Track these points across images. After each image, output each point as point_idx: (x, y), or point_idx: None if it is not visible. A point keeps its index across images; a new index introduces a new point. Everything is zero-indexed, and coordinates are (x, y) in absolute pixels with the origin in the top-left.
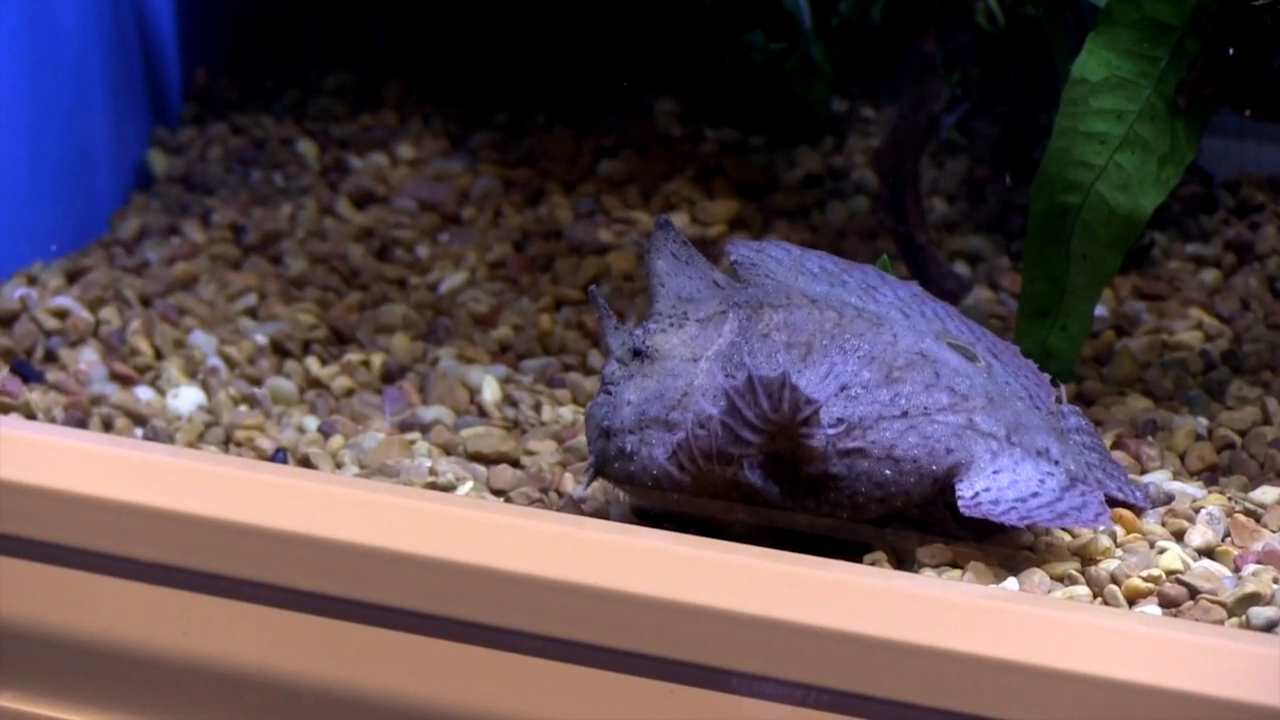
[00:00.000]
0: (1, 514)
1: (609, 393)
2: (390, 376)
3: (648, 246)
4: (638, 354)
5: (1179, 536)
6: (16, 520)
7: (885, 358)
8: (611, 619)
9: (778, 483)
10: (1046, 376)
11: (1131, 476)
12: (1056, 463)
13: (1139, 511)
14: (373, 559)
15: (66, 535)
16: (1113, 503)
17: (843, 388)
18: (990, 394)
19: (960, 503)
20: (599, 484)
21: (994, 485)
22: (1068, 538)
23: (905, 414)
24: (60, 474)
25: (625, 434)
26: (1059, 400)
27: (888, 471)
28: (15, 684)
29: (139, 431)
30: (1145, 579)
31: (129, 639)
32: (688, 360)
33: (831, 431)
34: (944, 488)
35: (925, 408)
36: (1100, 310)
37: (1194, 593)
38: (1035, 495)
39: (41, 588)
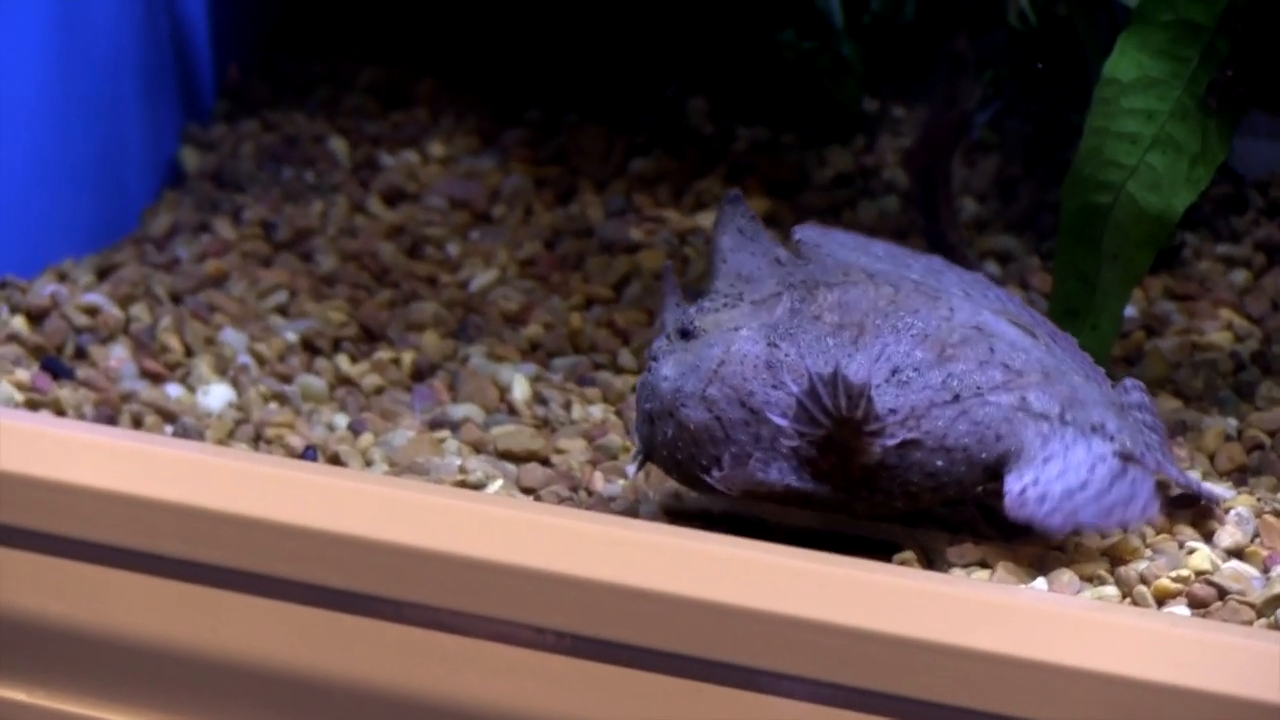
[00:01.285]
0: (34, 511)
1: (649, 370)
2: (420, 374)
3: (714, 221)
4: (685, 334)
5: (1208, 537)
6: (49, 517)
7: (940, 334)
8: (641, 617)
9: (827, 478)
10: (1087, 355)
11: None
12: (1112, 438)
13: (1197, 502)
14: (403, 557)
15: (97, 532)
16: (1170, 494)
17: (894, 371)
18: (1046, 368)
19: (1008, 499)
20: (627, 483)
21: (1043, 476)
22: (1096, 538)
23: (957, 397)
24: (90, 471)
25: (665, 416)
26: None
27: (940, 462)
28: (47, 681)
29: (169, 429)
30: (1174, 580)
31: (159, 635)
32: (731, 332)
33: (890, 424)
34: (995, 474)
35: (978, 387)
36: (1130, 310)
37: (1223, 593)
38: (1084, 486)
39: (72, 585)
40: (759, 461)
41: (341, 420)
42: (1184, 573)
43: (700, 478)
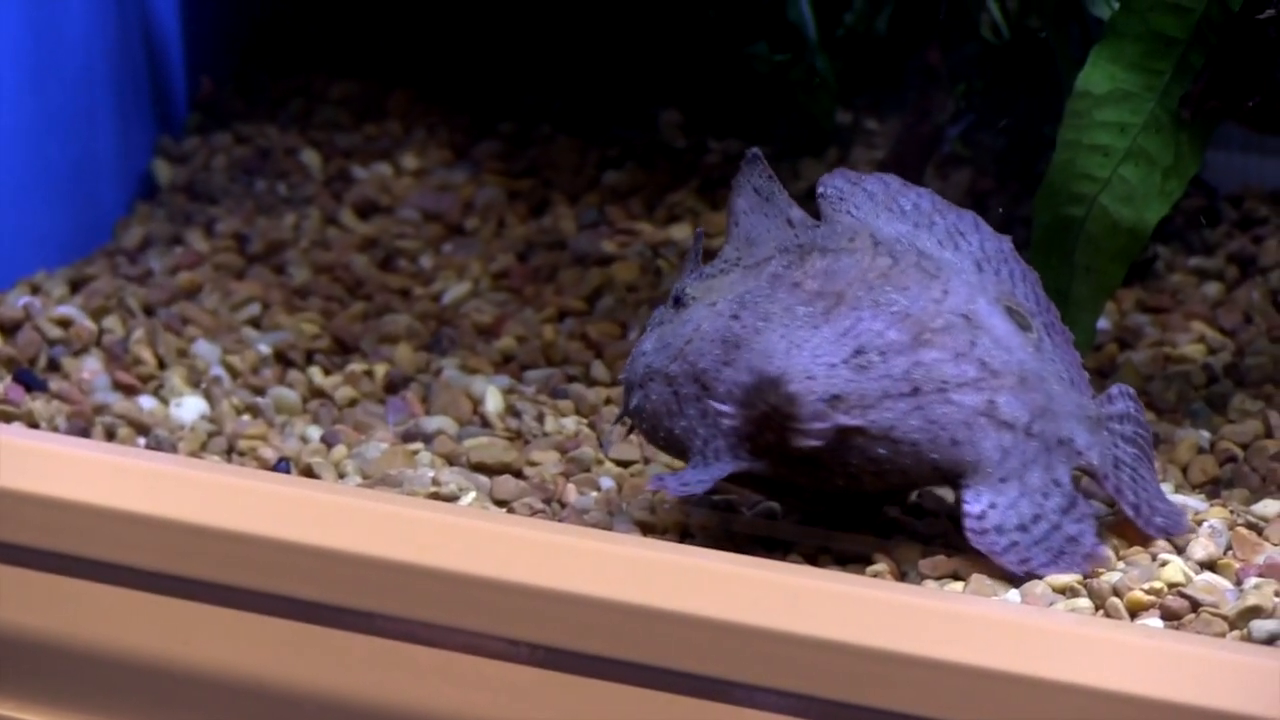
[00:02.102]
0: (4, 522)
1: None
2: (393, 386)
3: (732, 183)
4: (678, 301)
5: (1181, 549)
6: (19, 528)
7: (922, 317)
8: (614, 630)
9: (766, 454)
10: (1077, 354)
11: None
12: (1079, 453)
13: (1146, 540)
14: (376, 569)
15: (69, 544)
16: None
17: (858, 351)
18: (1025, 371)
19: (967, 521)
20: (600, 494)
21: (1000, 501)
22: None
23: (916, 390)
24: (63, 483)
25: (636, 388)
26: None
27: (882, 450)
28: (15, 693)
29: (142, 441)
30: (1147, 592)
31: (131, 648)
32: (708, 306)
33: (821, 420)
34: (946, 475)
35: (944, 381)
36: (1103, 323)
37: (1196, 606)
38: (1036, 520)
39: (43, 596)
40: (697, 460)
41: (314, 432)
42: (1157, 585)
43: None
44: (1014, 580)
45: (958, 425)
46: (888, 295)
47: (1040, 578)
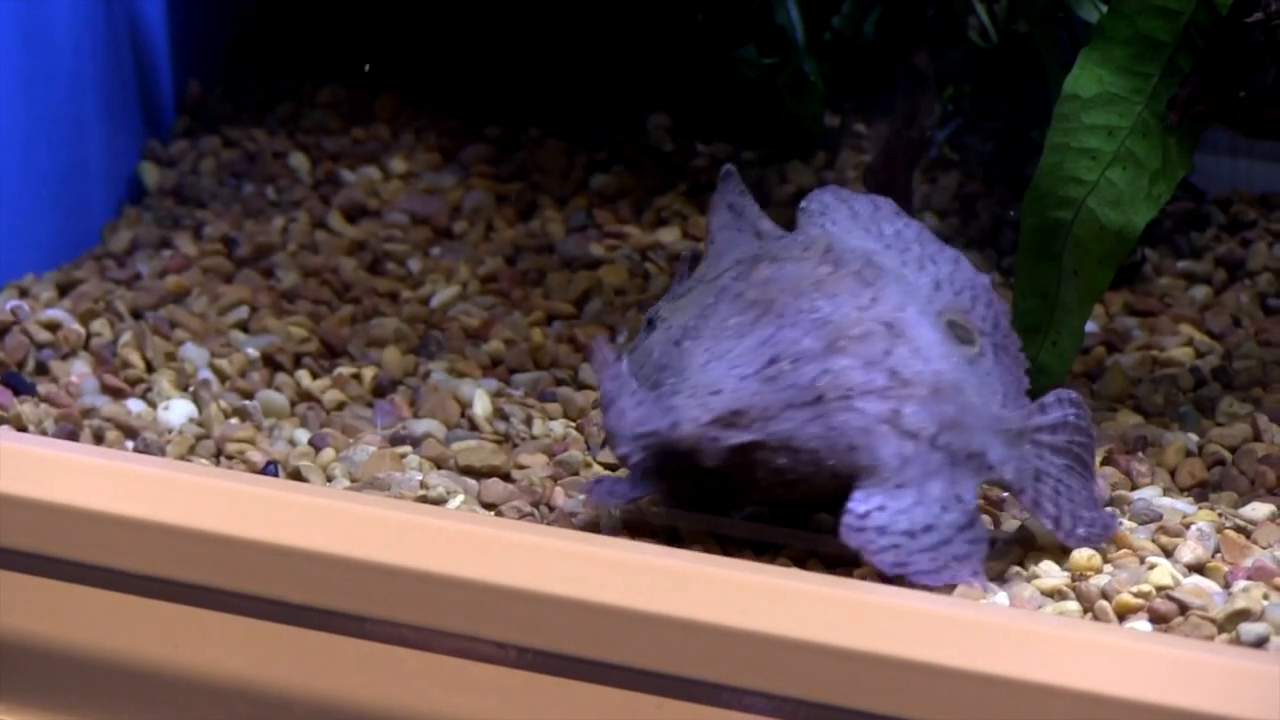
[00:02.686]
0: None
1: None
2: (382, 390)
3: (709, 202)
4: (650, 324)
5: (1169, 552)
6: (5, 531)
7: (842, 324)
8: (602, 633)
9: (678, 476)
10: (1024, 378)
11: (1113, 490)
12: (991, 468)
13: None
14: (364, 572)
15: (57, 547)
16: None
17: (772, 360)
18: (941, 383)
19: (846, 518)
20: (588, 497)
21: (892, 505)
22: (1057, 552)
23: (820, 398)
24: (51, 486)
25: (604, 411)
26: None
27: (784, 460)
28: (3, 696)
29: (130, 444)
30: (1136, 594)
31: (119, 651)
32: (665, 329)
33: (724, 427)
34: (846, 483)
35: (849, 389)
36: (1091, 326)
37: (1184, 609)
38: (929, 530)
39: (31, 600)
40: (607, 481)
41: (303, 436)
42: (1145, 588)
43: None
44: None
45: (856, 432)
46: (813, 303)
47: (913, 584)
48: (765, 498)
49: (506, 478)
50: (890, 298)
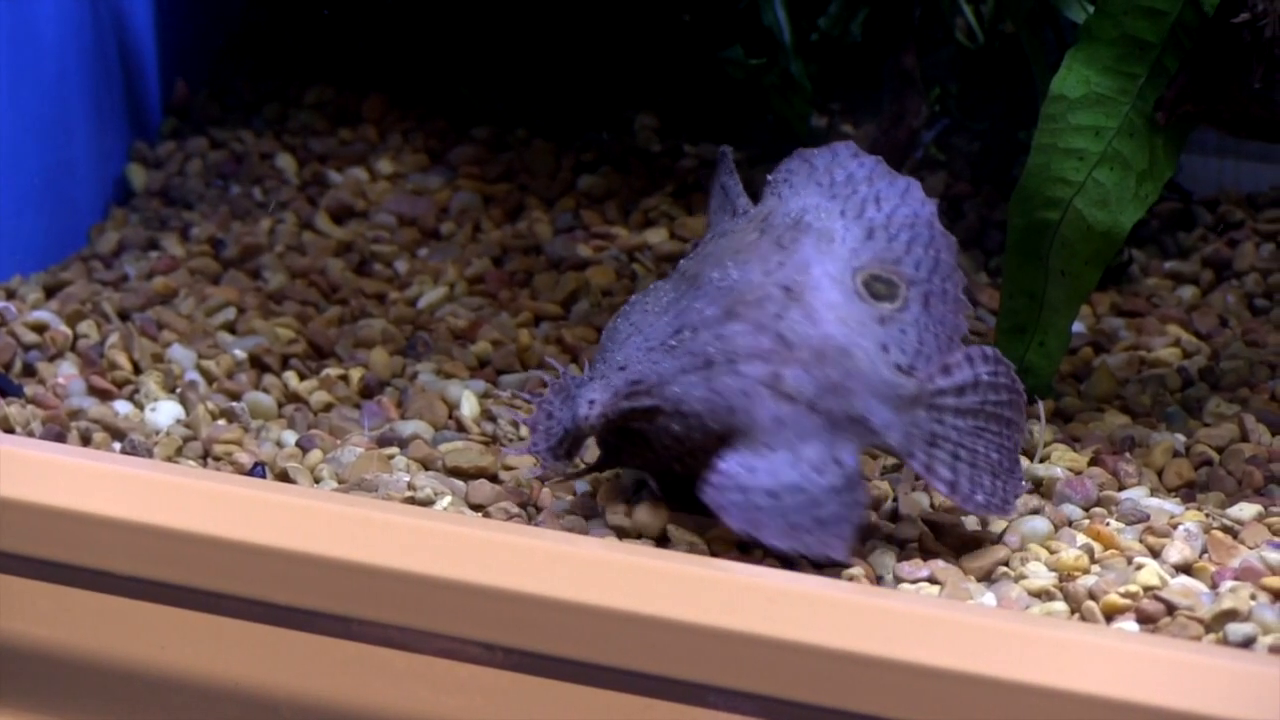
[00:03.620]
0: None
1: None
2: (369, 391)
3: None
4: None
5: (1156, 553)
6: None
7: (743, 290)
8: (591, 634)
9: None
10: (962, 320)
11: (1101, 490)
12: (874, 432)
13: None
14: (351, 573)
15: (43, 548)
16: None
17: (677, 330)
18: (827, 346)
19: (709, 476)
20: (576, 499)
21: (758, 465)
22: (1045, 554)
23: (709, 363)
24: (38, 488)
25: None
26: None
27: (676, 427)
28: None
29: (117, 445)
30: (1123, 595)
31: (106, 652)
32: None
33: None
34: (728, 444)
35: (734, 354)
36: (1078, 326)
37: (1171, 609)
38: (795, 492)
39: (17, 601)
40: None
41: (290, 437)
42: (1132, 588)
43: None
44: (993, 578)
45: (735, 394)
46: (725, 270)
47: (761, 545)
48: (679, 469)
49: (494, 479)
50: (799, 261)
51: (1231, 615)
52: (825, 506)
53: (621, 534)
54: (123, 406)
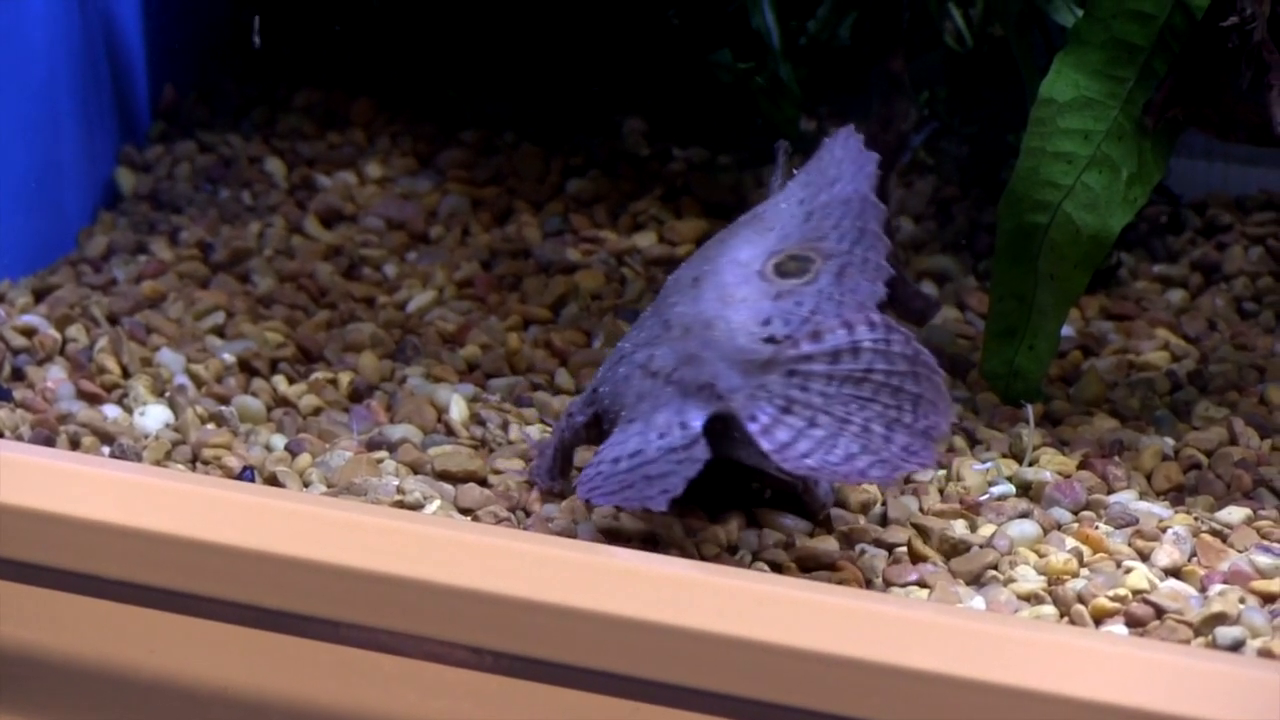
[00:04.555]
0: None
1: None
2: (358, 395)
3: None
4: None
5: (1145, 556)
6: None
7: (669, 286)
8: (578, 637)
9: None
10: (879, 286)
11: (1090, 494)
12: (720, 397)
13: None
14: (340, 577)
15: (32, 552)
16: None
17: (657, 337)
18: (692, 322)
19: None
20: (565, 502)
21: (616, 440)
22: (1034, 557)
23: (622, 358)
24: (26, 492)
25: None
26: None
27: (605, 424)
28: None
29: (106, 449)
30: (1112, 598)
31: (94, 656)
32: None
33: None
34: None
35: (636, 345)
36: (1067, 330)
37: (1160, 612)
38: (634, 455)
39: (5, 605)
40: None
41: (279, 441)
42: (1121, 592)
43: None
44: (981, 582)
45: (622, 381)
46: (675, 273)
47: (593, 505)
48: None
49: (483, 483)
50: (721, 251)
51: (1220, 619)
52: (656, 464)
53: (610, 537)
54: (112, 410)
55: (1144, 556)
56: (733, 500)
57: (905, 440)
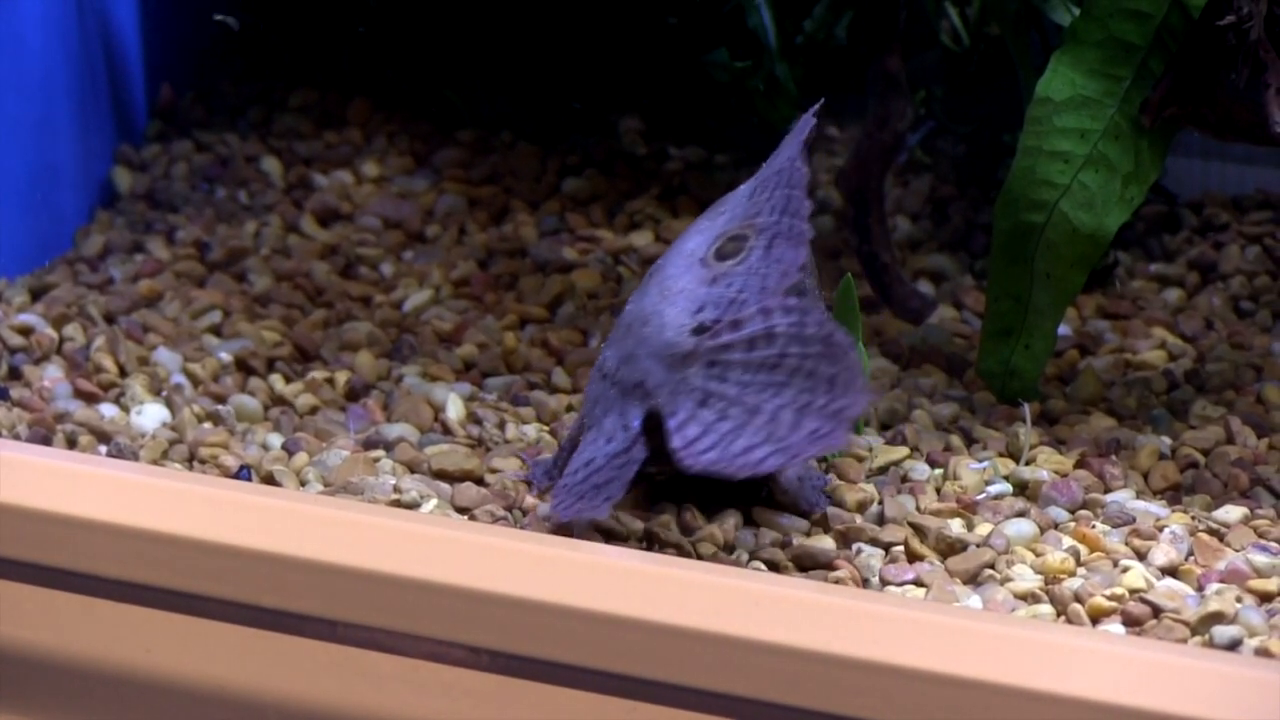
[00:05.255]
0: None
1: None
2: (355, 394)
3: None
4: None
5: (1142, 555)
6: None
7: (643, 282)
8: (575, 636)
9: None
10: (801, 251)
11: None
12: (649, 395)
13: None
14: (337, 576)
15: (28, 551)
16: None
17: (612, 339)
18: (630, 319)
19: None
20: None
21: (580, 450)
22: (1030, 556)
23: (598, 362)
24: (23, 490)
25: None
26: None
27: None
28: None
29: (103, 449)
30: (1109, 597)
31: (92, 655)
32: None
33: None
34: None
35: (605, 347)
36: (1064, 329)
37: (1157, 611)
38: (587, 464)
39: (2, 604)
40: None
41: (276, 440)
42: (1118, 591)
43: None
44: (978, 581)
45: (590, 385)
46: (651, 280)
47: (553, 519)
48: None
49: (480, 482)
50: (676, 244)
51: (1217, 618)
52: (603, 471)
53: (607, 536)
54: (108, 409)
55: (1141, 555)
56: (729, 499)
57: (815, 424)
